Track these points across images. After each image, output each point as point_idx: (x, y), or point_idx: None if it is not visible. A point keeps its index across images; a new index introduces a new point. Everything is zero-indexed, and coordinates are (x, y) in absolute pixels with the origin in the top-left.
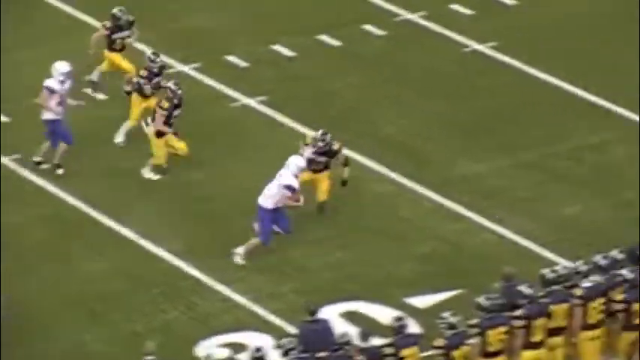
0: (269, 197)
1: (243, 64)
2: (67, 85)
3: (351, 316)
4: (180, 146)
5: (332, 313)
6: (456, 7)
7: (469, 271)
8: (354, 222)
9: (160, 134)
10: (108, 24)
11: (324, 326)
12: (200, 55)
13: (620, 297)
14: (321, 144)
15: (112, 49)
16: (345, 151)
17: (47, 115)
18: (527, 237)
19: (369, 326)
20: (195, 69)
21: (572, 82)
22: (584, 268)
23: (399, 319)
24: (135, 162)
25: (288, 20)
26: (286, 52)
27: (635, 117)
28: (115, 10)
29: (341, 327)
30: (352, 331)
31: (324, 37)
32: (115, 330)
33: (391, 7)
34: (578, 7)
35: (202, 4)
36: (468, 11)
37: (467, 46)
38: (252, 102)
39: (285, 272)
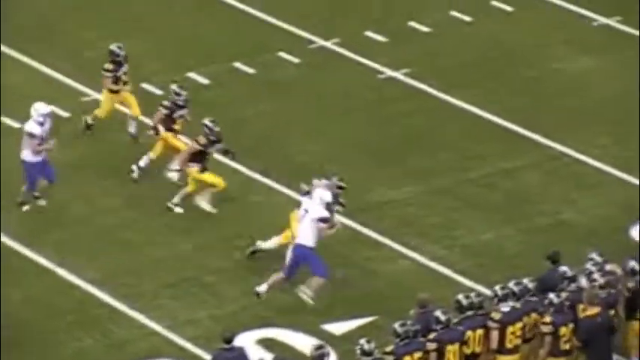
0: (308, 235)
1: (158, 91)
2: (47, 126)
3: (267, 343)
4: (219, 182)
5: (248, 340)
6: (370, 34)
7: (385, 297)
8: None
9: (203, 170)
10: (110, 66)
11: (240, 353)
12: None
13: (548, 319)
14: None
15: (112, 90)
16: (261, 179)
17: (27, 157)
18: (442, 263)
19: (286, 353)
20: None
21: (486, 108)
22: (499, 293)
23: (319, 347)
24: (54, 191)
25: (203, 48)
26: (201, 79)
27: (547, 142)
28: (112, 47)
29: (257, 354)
30: (268, 359)
31: (239, 65)
32: (29, 359)
33: (306, 34)
34: (490, 34)
35: (118, 31)
36: (382, 38)
37: (382, 73)
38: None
39: (201, 298)
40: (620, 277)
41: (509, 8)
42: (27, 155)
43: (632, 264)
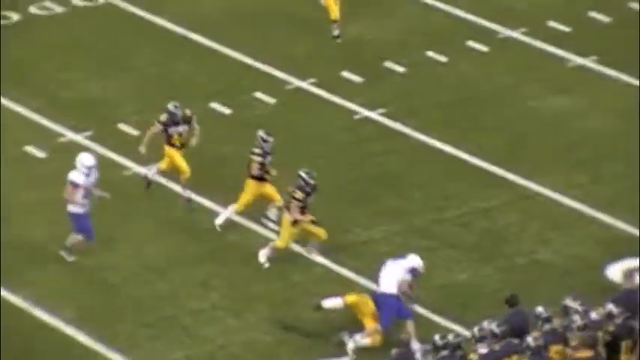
0: (391, 282)
1: (135, 132)
2: (93, 178)
3: None
4: (319, 232)
5: None
6: (346, 74)
7: None
8: (244, 288)
9: (295, 222)
10: (163, 118)
11: None
12: (91, 123)
13: None
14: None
15: (170, 144)
16: (238, 218)
17: (72, 208)
18: (419, 303)
19: None
20: (87, 137)
21: (462, 147)
22: (475, 334)
23: None
24: (30, 231)
25: (179, 88)
26: None
27: (523, 182)
28: (170, 106)
29: None
30: None
31: (216, 105)
32: None
33: (282, 75)
34: (465, 73)
35: (94, 72)
36: (358, 78)
37: (357, 113)
38: (144, 170)
39: (177, 339)
40: (601, 320)
41: (484, 48)
42: (72, 207)
43: (611, 307)
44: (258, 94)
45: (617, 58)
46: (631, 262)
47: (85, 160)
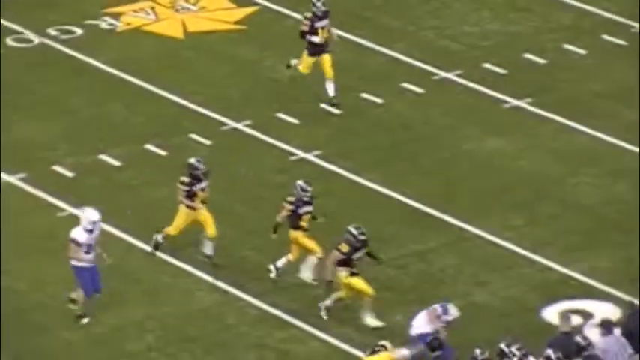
0: (424, 324)
1: (69, 174)
2: (96, 232)
3: None
4: (366, 289)
5: None
6: (281, 115)
7: None
8: (180, 331)
9: (353, 274)
10: (185, 179)
11: None
12: (26, 165)
13: None
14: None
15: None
16: (172, 260)
17: (73, 262)
18: (354, 345)
19: None
20: (21, 179)
21: (397, 189)
22: None
23: None
24: None
25: (115, 130)
26: (113, 161)
27: (459, 224)
28: (191, 160)
29: None
30: None
31: (151, 147)
32: None
33: (217, 116)
34: (401, 115)
35: (28, 114)
36: (293, 120)
37: (293, 155)
38: (78, 212)
39: None
40: None
41: (419, 90)
42: (75, 261)
43: (549, 352)
44: (194, 136)
45: (552, 99)
46: (567, 304)
47: (90, 215)
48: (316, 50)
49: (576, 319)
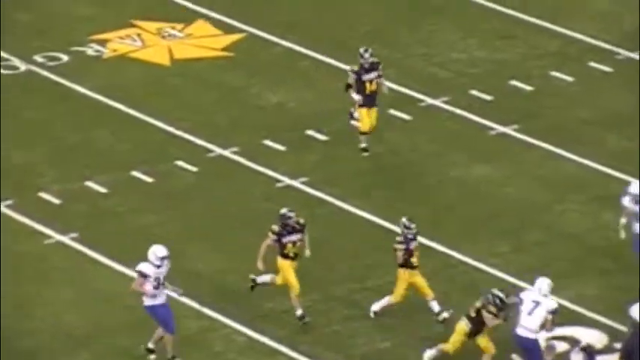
0: (536, 328)
1: (56, 200)
2: (164, 268)
3: None
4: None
5: None
6: (268, 142)
7: None
8: (166, 357)
9: (478, 332)
10: (276, 229)
11: None
12: (12, 191)
13: None
14: None
15: (284, 255)
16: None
17: (146, 301)
18: None
19: None
20: (8, 206)
21: (384, 216)
22: None
23: None
24: None
25: (100, 157)
26: (99, 188)
27: (446, 251)
28: (283, 211)
29: None
30: None
31: (137, 174)
32: None
33: (203, 143)
34: (388, 142)
35: (15, 140)
36: (280, 147)
37: (280, 181)
38: (65, 239)
39: None
40: None
41: (406, 117)
42: (148, 301)
43: None
44: (180, 163)
45: (538, 126)
46: (554, 331)
47: (158, 251)
48: (366, 102)
49: (563, 346)
